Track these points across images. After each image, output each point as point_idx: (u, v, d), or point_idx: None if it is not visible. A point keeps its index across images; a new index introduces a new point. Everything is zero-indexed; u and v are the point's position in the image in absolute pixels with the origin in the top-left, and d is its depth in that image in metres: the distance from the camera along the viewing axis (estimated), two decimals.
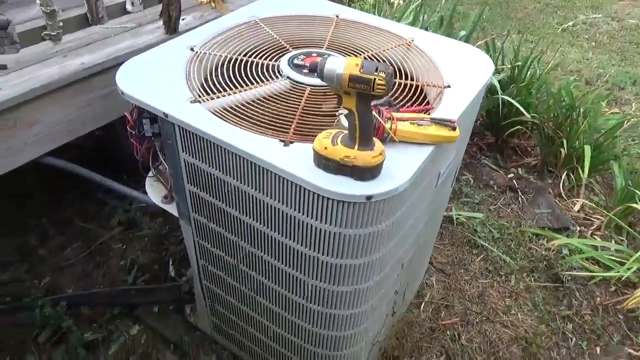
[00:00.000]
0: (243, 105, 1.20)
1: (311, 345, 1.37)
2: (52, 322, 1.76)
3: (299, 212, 1.06)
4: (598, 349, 1.92)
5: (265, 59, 1.38)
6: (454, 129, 1.09)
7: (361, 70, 0.87)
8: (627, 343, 1.95)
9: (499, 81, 2.62)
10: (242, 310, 1.50)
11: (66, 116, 1.53)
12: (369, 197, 0.97)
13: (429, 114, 1.18)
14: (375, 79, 0.87)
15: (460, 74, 1.35)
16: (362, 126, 0.94)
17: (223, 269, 1.42)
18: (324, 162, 0.99)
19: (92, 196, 2.33)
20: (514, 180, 2.66)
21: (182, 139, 1.16)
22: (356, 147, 0.96)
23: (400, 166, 1.03)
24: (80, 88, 1.53)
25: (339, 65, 0.89)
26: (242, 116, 1.15)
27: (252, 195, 1.12)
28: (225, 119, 1.13)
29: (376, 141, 0.99)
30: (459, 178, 2.64)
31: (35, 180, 2.32)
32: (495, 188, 2.62)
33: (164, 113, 1.14)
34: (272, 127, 1.13)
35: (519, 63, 2.73)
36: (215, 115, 1.14)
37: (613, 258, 2.16)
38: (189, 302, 1.83)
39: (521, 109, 2.50)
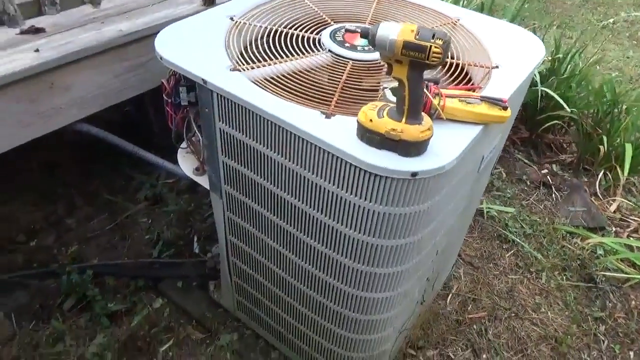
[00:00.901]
0: (283, 76, 1.16)
1: (339, 328, 1.34)
2: (77, 289, 1.76)
3: (339, 187, 1.02)
4: (632, 353, 1.85)
5: (307, 31, 1.34)
6: (505, 108, 1.03)
7: (417, 37, 0.82)
8: None
9: (539, 73, 2.53)
10: (268, 289, 1.48)
11: (101, 83, 1.51)
12: (414, 174, 0.93)
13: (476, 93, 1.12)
14: (431, 46, 0.82)
15: (509, 55, 1.29)
16: (412, 98, 0.89)
17: (252, 245, 1.39)
18: (368, 135, 0.95)
19: (120, 170, 2.34)
20: (548, 177, 2.57)
21: (220, 107, 1.13)
22: (404, 120, 0.92)
23: (447, 144, 0.98)
24: (116, 55, 1.51)
25: (393, 30, 0.84)
26: (282, 87, 1.11)
27: (290, 169, 1.09)
28: (266, 88, 1.09)
29: (424, 116, 0.94)
30: (492, 171, 2.56)
31: (66, 151, 2.34)
32: (528, 183, 2.54)
33: (202, 79, 1.11)
34: (313, 99, 1.09)
35: (560, 55, 2.63)
36: (255, 84, 1.11)
37: None
38: (213, 279, 1.81)
39: (561, 101, 2.41)
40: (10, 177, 2.20)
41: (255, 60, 1.19)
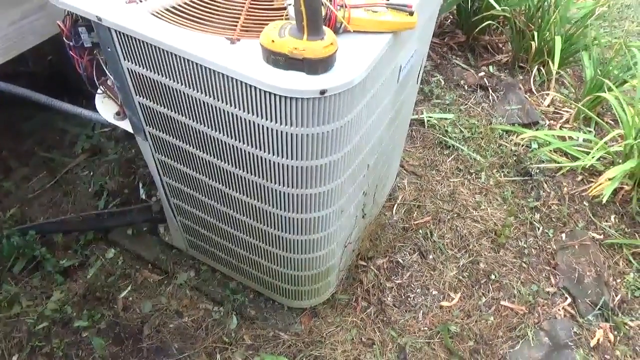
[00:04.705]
0: (185, 3, 1.09)
1: (283, 251, 1.39)
2: (23, 251, 1.74)
3: (252, 113, 1.01)
4: (563, 235, 2.01)
5: None
6: (411, 14, 1.02)
7: None
8: (591, 228, 2.04)
9: None
10: (211, 223, 1.50)
11: None
12: (322, 92, 0.93)
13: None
14: None
15: None
16: (309, 12, 0.86)
17: (186, 183, 1.39)
18: (273, 57, 0.93)
19: (53, 125, 2.23)
20: (484, 79, 2.61)
21: (122, 45, 1.07)
22: (305, 37, 0.89)
23: (355, 57, 0.97)
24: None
25: None
26: (184, 16, 1.05)
27: (202, 100, 1.06)
28: (166, 19, 1.04)
29: (327, 30, 0.92)
30: (429, 80, 2.58)
31: None
32: (466, 88, 2.58)
33: (97, 17, 1.04)
34: (218, 26, 1.04)
35: None
36: (155, 16, 1.04)
37: (580, 149, 2.20)
38: (162, 222, 1.82)
39: (491, 1, 2.39)
40: None
41: None
